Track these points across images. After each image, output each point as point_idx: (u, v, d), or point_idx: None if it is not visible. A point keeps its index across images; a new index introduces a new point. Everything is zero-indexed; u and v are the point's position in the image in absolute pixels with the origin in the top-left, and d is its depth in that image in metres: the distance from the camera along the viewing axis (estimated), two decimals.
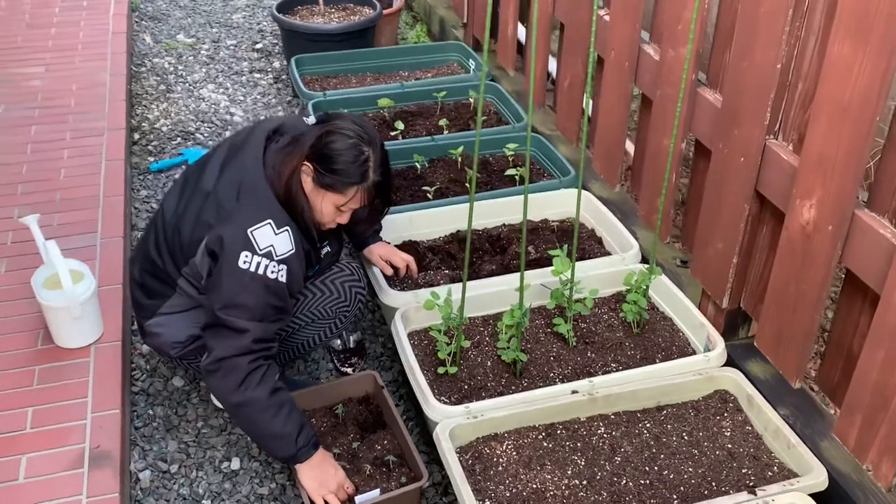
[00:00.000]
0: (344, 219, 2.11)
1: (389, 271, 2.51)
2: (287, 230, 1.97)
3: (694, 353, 2.35)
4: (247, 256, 1.92)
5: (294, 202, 2.01)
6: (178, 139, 3.81)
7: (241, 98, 4.17)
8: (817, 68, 1.91)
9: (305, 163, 2.00)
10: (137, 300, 2.22)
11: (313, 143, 2.00)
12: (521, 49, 3.80)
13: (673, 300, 2.47)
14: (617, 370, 2.28)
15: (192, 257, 2.04)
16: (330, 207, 2.04)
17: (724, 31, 2.29)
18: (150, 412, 2.45)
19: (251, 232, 1.94)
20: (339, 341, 2.60)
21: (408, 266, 2.53)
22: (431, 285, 2.57)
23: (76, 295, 2.30)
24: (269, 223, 1.96)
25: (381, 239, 2.55)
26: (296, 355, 2.35)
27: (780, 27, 1.95)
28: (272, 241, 1.95)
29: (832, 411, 2.16)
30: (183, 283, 2.11)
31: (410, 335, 2.39)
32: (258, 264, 1.92)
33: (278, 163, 2.04)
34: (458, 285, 2.17)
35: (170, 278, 2.13)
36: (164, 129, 3.88)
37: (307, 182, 2.02)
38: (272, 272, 1.94)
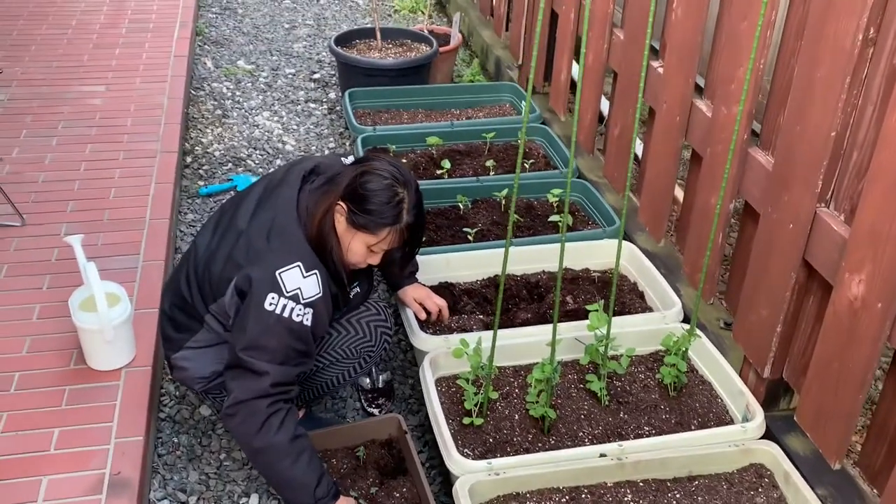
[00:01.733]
0: (375, 259, 2.09)
1: (423, 315, 2.48)
2: (316, 273, 1.96)
3: (731, 421, 2.26)
4: (273, 298, 1.91)
5: (325, 242, 2.00)
6: (230, 164, 3.86)
7: (295, 127, 4.21)
8: (874, 138, 1.84)
9: (340, 202, 2.00)
10: (166, 333, 2.22)
11: (349, 183, 1.99)
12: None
13: (713, 364, 2.38)
14: (650, 434, 2.21)
15: (220, 296, 2.04)
16: (361, 248, 2.03)
17: (779, 91, 2.23)
18: (175, 440, 2.45)
19: (279, 274, 1.93)
20: (367, 380, 2.58)
21: (440, 311, 2.49)
22: (464, 330, 2.53)
23: (110, 319, 2.32)
24: (299, 265, 1.95)
25: (416, 281, 2.52)
26: (320, 393, 2.32)
27: (836, 94, 1.88)
28: (300, 283, 1.94)
29: (874, 495, 2.05)
30: (210, 319, 2.11)
31: (439, 381, 2.35)
32: (284, 307, 1.91)
33: (312, 203, 2.03)
34: (490, 333, 2.13)
35: (197, 313, 2.13)
36: (217, 153, 3.93)
37: (340, 222, 2.02)
38: (297, 315, 1.92)
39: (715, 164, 2.44)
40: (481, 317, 2.61)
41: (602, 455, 2.07)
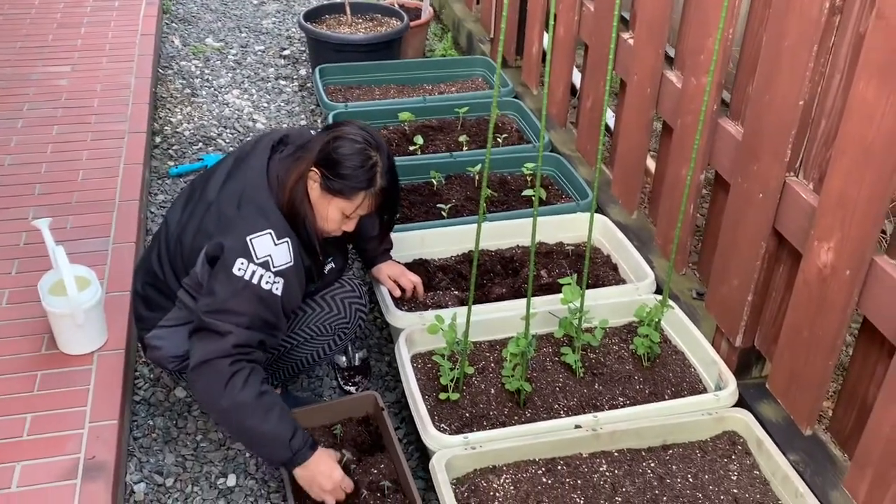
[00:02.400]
0: (350, 226, 2.08)
1: (397, 292, 2.47)
2: (287, 241, 1.94)
3: (705, 390, 2.28)
4: (242, 264, 1.89)
5: (297, 210, 1.98)
6: (200, 144, 3.81)
7: (265, 105, 4.16)
8: (841, 106, 1.84)
9: (313, 168, 1.99)
10: (138, 312, 2.21)
11: (321, 149, 1.98)
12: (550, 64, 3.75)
13: (686, 334, 2.40)
14: (624, 404, 2.23)
15: (192, 267, 2.02)
16: (337, 214, 2.02)
17: (748, 61, 2.23)
18: (151, 423, 2.43)
19: (250, 240, 1.91)
20: (343, 358, 2.57)
21: (415, 288, 2.49)
22: (440, 306, 2.53)
23: (80, 302, 2.29)
24: (270, 232, 1.93)
25: (391, 258, 2.51)
26: (296, 372, 2.32)
27: (804, 63, 1.89)
28: (271, 251, 1.92)
29: (845, 459, 2.08)
30: (182, 294, 2.10)
31: (415, 357, 2.35)
32: (253, 273, 1.89)
33: (283, 171, 2.01)
34: (465, 309, 2.13)
35: (170, 291, 2.12)
36: (187, 133, 3.88)
37: (314, 189, 2.01)
38: (267, 283, 1.90)
39: (685, 136, 2.44)
40: (456, 293, 2.61)
41: (577, 426, 2.09)
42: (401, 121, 3.45)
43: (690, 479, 2.04)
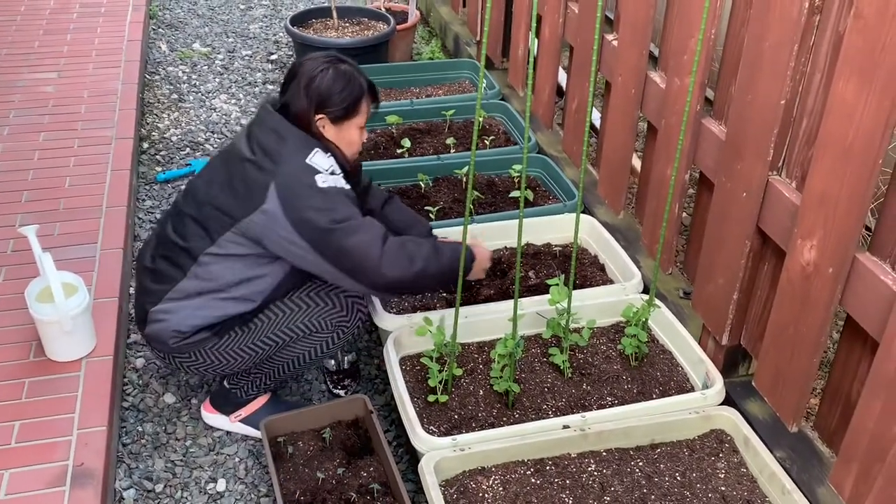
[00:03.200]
0: (365, 136, 2.28)
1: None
2: (330, 153, 2.15)
3: (692, 389, 2.30)
4: (322, 178, 2.07)
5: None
6: (187, 149, 3.81)
7: (253, 109, 4.16)
8: (822, 105, 1.86)
9: (317, 116, 2.14)
10: (145, 286, 2.20)
11: (307, 97, 2.13)
12: (535, 66, 3.77)
13: (673, 333, 2.42)
14: (612, 404, 2.24)
15: (240, 218, 2.06)
16: (355, 133, 2.23)
17: (730, 62, 2.25)
18: (140, 429, 2.43)
19: (309, 161, 2.08)
20: (332, 361, 2.58)
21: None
22: (428, 308, 2.54)
23: (67, 309, 2.29)
24: (317, 149, 2.12)
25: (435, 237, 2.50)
26: (289, 370, 2.31)
27: (785, 62, 1.90)
28: (327, 162, 2.12)
29: (831, 455, 2.09)
30: (209, 258, 2.10)
31: (403, 360, 2.36)
32: (335, 181, 2.10)
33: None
34: (453, 311, 2.14)
35: (186, 260, 2.13)
36: (174, 138, 3.88)
37: (328, 129, 2.18)
38: (343, 184, 2.13)
39: (670, 136, 2.46)
40: (444, 294, 2.62)
41: (565, 427, 2.10)
42: (388, 124, 3.46)
43: (678, 478, 2.05)
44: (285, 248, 2.07)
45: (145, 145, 3.81)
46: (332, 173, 2.10)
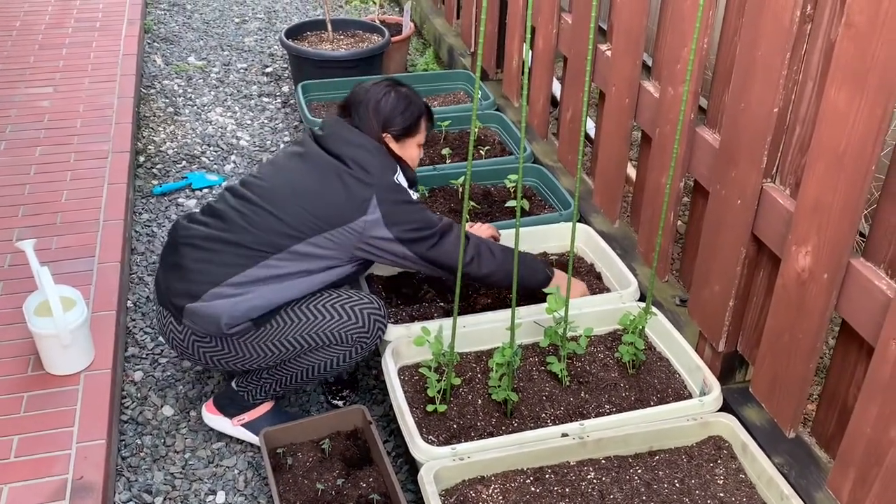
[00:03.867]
0: (421, 153, 2.52)
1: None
2: (399, 169, 2.36)
3: (689, 396, 2.30)
4: (409, 192, 2.32)
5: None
6: (184, 162, 3.82)
7: (249, 122, 4.18)
8: (815, 113, 1.88)
9: (384, 135, 2.37)
10: (196, 269, 2.20)
11: (377, 118, 2.35)
12: (530, 77, 3.79)
13: (670, 341, 2.43)
14: (611, 412, 2.24)
15: (339, 225, 2.20)
16: (415, 149, 2.47)
17: (723, 71, 2.27)
18: (139, 441, 2.43)
19: (395, 178, 2.30)
20: None
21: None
22: (426, 318, 2.55)
23: (66, 323, 2.29)
24: (397, 166, 2.34)
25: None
26: (302, 379, 2.31)
27: (777, 70, 1.92)
28: (402, 177, 2.34)
29: (828, 460, 2.10)
30: (303, 246, 2.20)
31: (402, 370, 2.37)
32: (413, 193, 2.36)
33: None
34: (451, 320, 2.14)
35: (263, 248, 2.19)
36: (170, 152, 3.89)
37: (393, 147, 2.39)
38: (416, 195, 2.39)
39: (664, 145, 2.48)
40: (442, 304, 2.62)
41: (564, 435, 2.10)
42: None
43: (677, 485, 2.06)
44: (380, 254, 2.28)
45: (141, 159, 3.82)
46: (409, 187, 2.35)
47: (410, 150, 2.45)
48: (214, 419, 2.43)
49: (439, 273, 2.37)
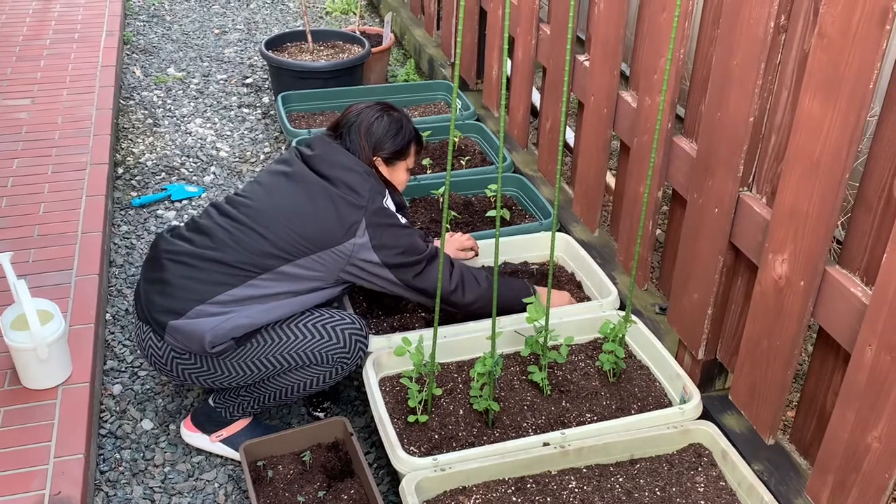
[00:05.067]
0: (408, 177, 2.54)
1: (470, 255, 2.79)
2: (388, 193, 2.38)
3: (670, 404, 2.31)
4: (398, 217, 2.32)
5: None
6: (163, 174, 3.80)
7: (229, 133, 4.17)
8: (790, 122, 1.90)
9: (374, 159, 2.38)
10: (180, 286, 2.18)
11: (368, 141, 2.36)
12: (509, 87, 3.81)
13: (650, 349, 2.43)
14: (592, 420, 2.25)
15: (328, 248, 2.20)
16: (404, 174, 2.49)
17: (700, 80, 2.29)
18: (118, 456, 2.41)
19: (384, 202, 2.30)
20: None
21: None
22: (407, 328, 2.54)
23: (43, 337, 2.27)
24: (387, 194, 2.34)
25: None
26: (280, 398, 2.30)
27: (752, 80, 1.94)
28: (391, 204, 2.35)
29: (807, 467, 2.12)
30: (290, 268, 2.20)
31: (382, 381, 2.36)
32: (402, 219, 2.34)
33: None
34: (431, 330, 2.14)
35: (248, 269, 2.18)
36: (149, 163, 3.87)
37: (383, 170, 2.41)
38: (404, 220, 2.38)
39: (642, 154, 2.49)
40: (423, 314, 2.62)
41: (545, 444, 2.10)
42: None
43: (658, 493, 2.06)
44: (367, 277, 2.28)
45: (120, 170, 3.79)
46: (397, 211, 2.36)
47: (400, 175, 2.46)
48: (193, 436, 2.41)
49: (424, 300, 2.38)
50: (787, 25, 1.89)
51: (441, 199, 3.15)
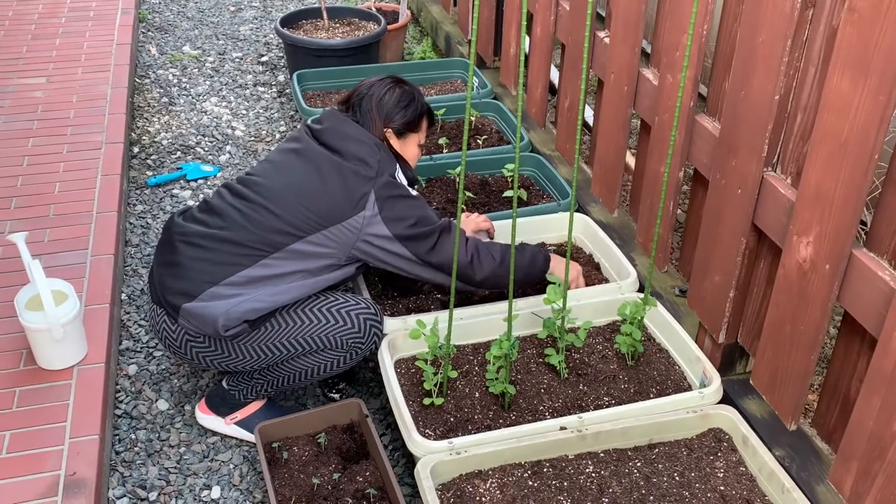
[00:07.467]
0: (420, 152, 2.51)
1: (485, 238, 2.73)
2: (398, 166, 2.36)
3: (689, 387, 2.28)
4: (410, 188, 2.32)
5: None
6: (178, 153, 3.78)
7: (244, 112, 4.14)
8: (816, 100, 1.84)
9: (385, 130, 2.35)
10: (193, 268, 2.17)
11: (379, 112, 2.33)
12: (527, 64, 3.75)
13: (669, 332, 2.40)
14: (609, 404, 2.22)
15: (338, 222, 2.16)
16: (415, 148, 2.45)
17: (723, 57, 2.23)
18: (133, 436, 2.41)
19: (395, 173, 2.29)
20: None
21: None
22: (422, 311, 2.52)
23: (57, 317, 2.26)
24: (398, 168, 2.32)
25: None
26: (294, 382, 2.29)
27: (778, 57, 1.88)
28: (403, 178, 2.33)
29: (830, 453, 2.08)
30: (301, 244, 2.16)
31: (398, 363, 2.34)
32: (412, 192, 2.31)
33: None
34: (447, 312, 2.11)
35: (261, 248, 2.15)
36: (165, 142, 3.85)
37: (394, 143, 2.37)
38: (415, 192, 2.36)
39: (663, 133, 2.44)
40: (439, 296, 2.60)
41: (562, 428, 2.08)
42: None
43: (677, 478, 2.04)
44: (379, 255, 2.22)
45: (136, 149, 3.78)
46: (410, 185, 2.34)
47: (411, 148, 2.43)
48: (207, 419, 2.40)
49: (440, 278, 2.30)
50: (815, 0, 1.82)
51: (457, 179, 3.11)
